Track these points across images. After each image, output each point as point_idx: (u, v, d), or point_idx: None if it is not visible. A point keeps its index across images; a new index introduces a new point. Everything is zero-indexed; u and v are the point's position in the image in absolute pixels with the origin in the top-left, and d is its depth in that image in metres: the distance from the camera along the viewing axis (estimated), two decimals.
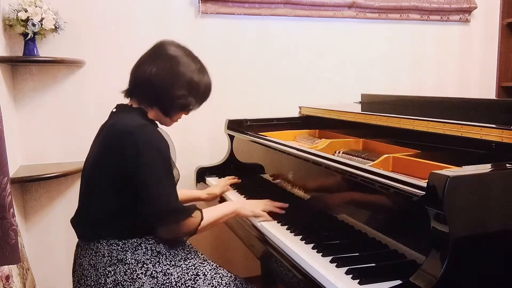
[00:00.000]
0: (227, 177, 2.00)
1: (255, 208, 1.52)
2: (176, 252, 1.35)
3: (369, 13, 2.66)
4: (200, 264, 1.36)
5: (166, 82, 1.37)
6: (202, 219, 1.35)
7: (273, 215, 1.52)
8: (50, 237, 2.26)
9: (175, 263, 1.33)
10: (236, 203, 1.57)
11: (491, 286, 0.98)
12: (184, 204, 1.37)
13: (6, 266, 1.33)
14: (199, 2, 2.35)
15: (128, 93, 1.44)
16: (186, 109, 1.45)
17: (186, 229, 1.32)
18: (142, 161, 1.25)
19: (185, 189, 1.91)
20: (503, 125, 1.19)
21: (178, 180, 1.41)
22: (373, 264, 1.11)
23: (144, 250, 1.30)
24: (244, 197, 1.80)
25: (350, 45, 2.68)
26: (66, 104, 2.22)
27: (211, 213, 1.42)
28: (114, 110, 1.44)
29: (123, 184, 1.27)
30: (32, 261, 1.94)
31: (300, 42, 2.58)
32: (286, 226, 1.42)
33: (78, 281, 1.33)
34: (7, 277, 1.35)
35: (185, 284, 1.30)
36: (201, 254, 1.42)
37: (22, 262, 1.58)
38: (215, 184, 1.97)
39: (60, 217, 2.25)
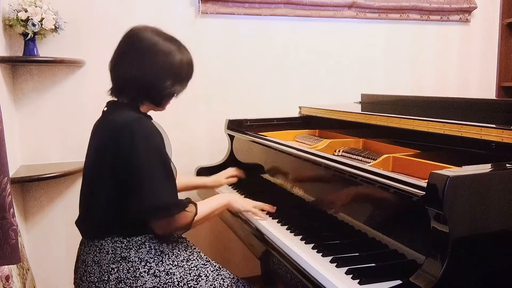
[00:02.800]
0: (233, 168, 1.97)
1: (246, 204, 1.55)
2: (179, 252, 1.35)
3: (369, 13, 2.66)
4: (202, 265, 1.36)
5: (150, 77, 1.35)
6: (196, 213, 1.33)
7: (272, 215, 1.53)
8: (50, 237, 2.26)
9: (177, 263, 1.32)
10: (229, 196, 1.56)
11: (491, 286, 0.98)
12: (184, 192, 1.35)
13: (6, 266, 1.33)
14: (199, 2, 2.35)
15: (114, 92, 1.41)
16: (176, 94, 1.43)
17: (180, 223, 1.30)
18: (135, 154, 1.24)
19: (188, 176, 1.89)
20: (503, 125, 1.20)
21: (176, 174, 1.40)
22: (373, 264, 1.11)
23: (147, 248, 1.30)
24: (244, 197, 1.79)
25: (350, 45, 2.68)
26: (66, 104, 2.22)
27: (205, 207, 1.41)
28: (105, 109, 1.42)
29: (122, 180, 1.27)
30: (32, 261, 1.94)
31: (300, 42, 2.58)
32: (286, 226, 1.42)
33: (80, 278, 1.33)
34: (7, 277, 1.35)
35: (187, 284, 1.30)
36: (204, 255, 1.41)
37: (22, 262, 1.58)
38: (221, 173, 1.95)
39: (60, 217, 2.25)
